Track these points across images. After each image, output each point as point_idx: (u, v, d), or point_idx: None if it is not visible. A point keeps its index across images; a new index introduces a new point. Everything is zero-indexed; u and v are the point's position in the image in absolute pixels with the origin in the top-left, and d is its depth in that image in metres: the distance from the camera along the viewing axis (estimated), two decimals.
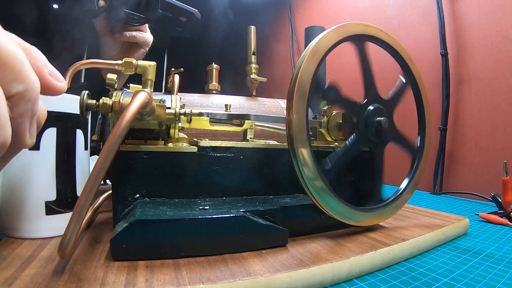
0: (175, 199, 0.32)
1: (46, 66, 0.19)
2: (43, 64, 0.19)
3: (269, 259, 0.26)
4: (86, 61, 0.35)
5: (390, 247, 0.30)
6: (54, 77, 0.20)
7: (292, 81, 0.29)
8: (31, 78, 0.17)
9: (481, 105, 0.76)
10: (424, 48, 0.89)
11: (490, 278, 0.27)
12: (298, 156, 0.28)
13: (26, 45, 0.18)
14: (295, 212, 0.32)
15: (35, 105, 0.18)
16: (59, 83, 0.20)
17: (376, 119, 0.34)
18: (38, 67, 0.18)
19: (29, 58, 0.18)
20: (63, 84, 0.20)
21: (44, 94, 0.19)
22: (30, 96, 0.17)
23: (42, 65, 0.19)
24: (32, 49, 0.19)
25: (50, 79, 0.19)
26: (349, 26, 0.32)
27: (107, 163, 0.22)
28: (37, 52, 0.19)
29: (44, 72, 0.19)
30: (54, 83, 0.19)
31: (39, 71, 0.18)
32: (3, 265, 0.23)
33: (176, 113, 0.33)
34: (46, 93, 0.19)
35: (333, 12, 1.34)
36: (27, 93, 0.17)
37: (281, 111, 0.55)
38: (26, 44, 0.19)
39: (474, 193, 0.68)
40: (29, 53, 0.18)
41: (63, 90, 0.20)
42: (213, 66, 0.54)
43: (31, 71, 0.17)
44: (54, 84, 0.19)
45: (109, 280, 0.21)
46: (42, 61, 0.19)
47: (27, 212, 0.29)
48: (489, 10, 0.73)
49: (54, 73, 0.20)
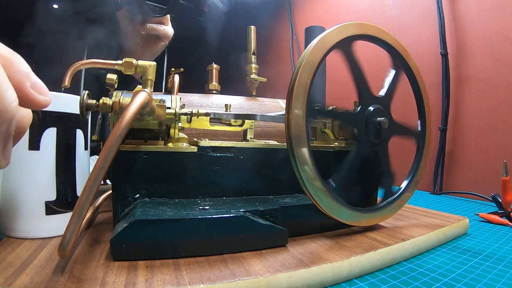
0: (175, 199, 0.32)
1: (28, 78, 0.17)
2: (25, 75, 0.17)
3: (269, 259, 0.26)
4: (86, 61, 0.35)
5: (390, 247, 0.30)
6: (37, 89, 0.18)
7: (292, 81, 0.29)
8: (7, 98, 0.15)
9: (481, 105, 0.76)
10: (424, 48, 0.89)
11: (490, 278, 0.27)
12: (297, 157, 0.28)
13: (7, 53, 0.17)
14: (295, 212, 0.32)
15: (11, 125, 0.17)
16: (41, 97, 0.18)
17: (376, 119, 0.33)
18: (18, 80, 0.17)
19: (10, 69, 0.16)
20: (46, 98, 0.18)
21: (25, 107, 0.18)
22: (5, 118, 0.16)
23: (23, 77, 0.17)
24: (13, 58, 0.17)
25: (31, 93, 0.17)
26: (350, 26, 0.32)
27: (107, 163, 0.22)
28: (18, 62, 0.17)
29: (25, 86, 0.17)
30: (35, 98, 0.18)
31: (19, 84, 0.17)
32: (3, 265, 0.23)
33: (176, 113, 0.33)
34: (28, 107, 0.18)
35: (333, 12, 1.34)
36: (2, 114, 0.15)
37: (282, 111, 0.55)
38: (7, 52, 0.17)
39: (474, 193, 0.68)
40: (9, 63, 0.17)
41: (46, 104, 0.18)
42: (213, 66, 0.54)
43: (7, 89, 0.16)
44: (36, 99, 0.18)
45: (109, 280, 0.21)
46: (23, 72, 0.17)
47: (27, 212, 0.29)
48: (489, 10, 0.73)
49: (37, 85, 0.18)
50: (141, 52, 0.65)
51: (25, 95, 0.17)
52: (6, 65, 0.16)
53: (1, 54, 0.17)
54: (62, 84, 0.35)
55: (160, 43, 0.63)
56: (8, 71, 0.16)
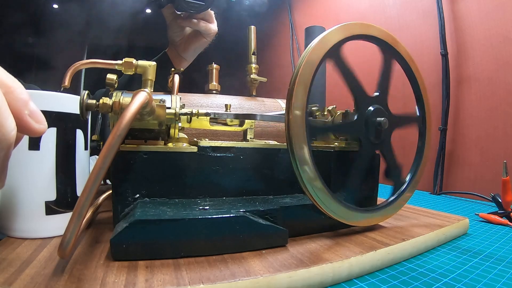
0: (175, 199, 0.32)
1: (26, 106, 0.18)
2: (23, 104, 0.18)
3: (269, 259, 0.26)
4: (86, 61, 0.35)
5: (390, 247, 0.30)
6: (34, 118, 0.19)
7: (292, 81, 0.29)
8: (6, 127, 0.16)
9: (481, 105, 0.76)
10: (424, 48, 0.89)
11: (490, 278, 0.27)
12: (297, 157, 0.28)
13: (8, 81, 0.18)
14: (295, 212, 0.32)
15: (8, 152, 0.17)
16: (37, 126, 0.19)
17: (376, 120, 0.33)
18: (18, 108, 0.18)
19: (10, 97, 0.17)
20: (42, 126, 0.19)
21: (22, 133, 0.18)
22: (3, 145, 0.16)
23: (22, 105, 0.18)
24: (14, 87, 0.18)
25: (29, 121, 0.18)
26: (352, 26, 0.32)
27: (107, 163, 0.22)
28: (18, 90, 0.18)
29: (23, 114, 0.18)
30: (32, 126, 0.18)
31: (18, 112, 0.18)
32: (3, 265, 0.23)
33: (176, 113, 0.33)
34: (24, 133, 0.19)
35: (333, 12, 1.34)
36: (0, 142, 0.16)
37: (282, 111, 0.55)
38: (9, 80, 0.18)
39: (474, 193, 0.68)
40: (10, 91, 0.17)
41: (41, 132, 0.19)
42: (213, 66, 0.54)
43: (7, 118, 0.16)
44: (32, 127, 0.18)
45: (109, 280, 0.21)
46: (23, 100, 0.18)
47: (27, 212, 0.29)
48: (489, 10, 0.73)
49: (35, 114, 0.19)
50: (184, 47, 0.68)
51: (23, 123, 0.18)
52: (7, 92, 0.17)
53: (3, 81, 0.17)
54: (62, 84, 0.35)
55: (202, 39, 0.66)
56: (8, 98, 0.17)
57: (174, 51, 0.69)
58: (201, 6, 0.57)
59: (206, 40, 0.66)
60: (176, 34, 0.66)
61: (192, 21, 0.61)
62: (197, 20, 0.61)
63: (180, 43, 0.68)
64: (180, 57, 0.69)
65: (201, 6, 0.57)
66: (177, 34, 0.66)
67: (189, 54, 0.69)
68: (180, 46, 0.68)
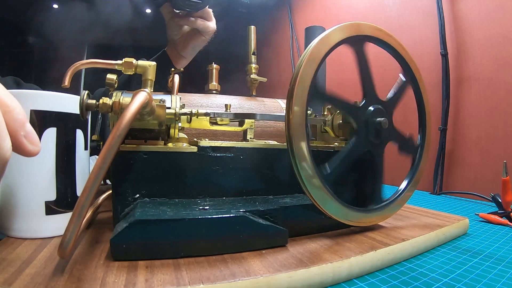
0: (175, 199, 0.32)
1: (22, 128, 0.19)
2: (20, 125, 0.19)
3: (269, 259, 0.26)
4: (86, 61, 0.35)
5: (390, 247, 0.30)
6: (29, 139, 0.19)
7: (292, 81, 0.29)
8: (3, 148, 0.17)
9: (481, 105, 0.76)
10: (424, 48, 0.89)
11: (490, 278, 0.27)
12: (297, 155, 0.28)
13: (7, 100, 0.18)
14: (295, 212, 0.32)
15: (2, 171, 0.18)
16: (31, 147, 0.19)
17: (376, 120, 0.34)
18: (14, 129, 0.18)
19: (8, 116, 0.18)
20: (36, 148, 0.20)
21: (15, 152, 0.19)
22: None
23: (19, 126, 0.18)
24: (12, 107, 0.18)
25: (24, 143, 0.19)
26: (351, 26, 0.32)
27: (107, 163, 0.22)
28: (16, 110, 0.18)
29: (19, 135, 0.18)
30: (27, 147, 0.19)
31: (14, 133, 0.18)
32: (3, 265, 0.23)
33: (176, 113, 0.33)
34: (18, 153, 0.19)
35: (333, 12, 1.34)
36: None
37: (282, 111, 0.55)
38: (7, 99, 0.18)
39: (474, 193, 0.68)
40: (9, 110, 0.18)
41: (35, 154, 0.20)
42: (213, 66, 0.54)
43: (4, 139, 0.17)
44: (26, 148, 0.19)
45: (109, 280, 0.21)
46: (20, 121, 0.19)
47: (27, 212, 0.29)
48: (489, 10, 0.73)
49: (30, 135, 0.19)
50: (183, 46, 0.68)
51: (18, 144, 0.19)
52: (5, 112, 0.18)
53: (2, 100, 0.18)
54: (62, 84, 0.35)
55: (200, 37, 0.66)
56: (6, 118, 0.17)
57: (173, 50, 0.69)
58: (198, 4, 0.57)
59: (204, 38, 0.66)
60: (174, 32, 0.66)
61: (189, 20, 0.61)
62: (194, 18, 0.61)
63: (179, 41, 0.68)
64: (179, 56, 0.69)
65: (198, 5, 0.57)
66: (175, 33, 0.66)
67: (188, 52, 0.69)
68: (179, 44, 0.68)
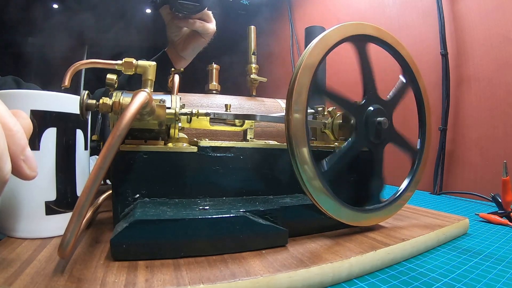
0: (175, 199, 0.32)
1: (22, 152, 0.19)
2: (20, 149, 0.19)
3: (269, 259, 0.26)
4: (86, 61, 0.35)
5: (390, 247, 0.30)
6: (28, 163, 0.20)
7: (292, 81, 0.29)
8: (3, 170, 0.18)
9: (481, 105, 0.76)
10: (424, 48, 0.89)
11: (490, 278, 0.27)
12: (297, 156, 0.28)
13: (10, 123, 0.19)
14: (295, 212, 0.32)
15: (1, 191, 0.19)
16: (29, 172, 0.20)
17: (376, 119, 0.34)
18: (15, 152, 0.19)
19: (9, 140, 0.18)
20: (33, 173, 0.21)
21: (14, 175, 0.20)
22: None
23: (19, 150, 0.19)
24: (15, 130, 0.19)
25: (22, 167, 0.20)
26: (350, 26, 0.32)
27: (107, 163, 0.22)
28: (18, 134, 0.19)
29: (19, 159, 0.19)
30: (25, 172, 0.20)
31: (15, 157, 0.19)
32: (3, 265, 0.23)
33: (176, 113, 0.33)
34: (15, 176, 0.20)
35: (333, 12, 1.34)
36: None
37: (282, 111, 0.55)
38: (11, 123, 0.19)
39: (474, 193, 0.68)
40: (11, 134, 0.19)
41: (31, 178, 0.21)
42: (213, 66, 0.54)
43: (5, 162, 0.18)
44: (24, 172, 0.20)
45: (109, 280, 0.21)
46: (20, 145, 0.19)
47: (27, 212, 0.29)
48: (489, 10, 0.73)
49: (29, 160, 0.20)
50: (182, 47, 0.69)
51: (17, 167, 0.19)
52: (8, 135, 0.18)
53: (6, 124, 0.18)
54: (62, 84, 0.35)
55: (200, 39, 0.66)
56: (8, 141, 0.18)
57: (173, 51, 0.69)
58: (196, 7, 0.57)
59: (204, 40, 0.67)
60: (174, 34, 0.67)
61: (189, 21, 0.62)
62: (193, 20, 0.61)
63: (179, 42, 0.68)
64: (179, 57, 0.69)
65: (195, 7, 0.57)
66: (175, 34, 0.67)
67: (188, 54, 0.70)
68: (179, 45, 0.68)
